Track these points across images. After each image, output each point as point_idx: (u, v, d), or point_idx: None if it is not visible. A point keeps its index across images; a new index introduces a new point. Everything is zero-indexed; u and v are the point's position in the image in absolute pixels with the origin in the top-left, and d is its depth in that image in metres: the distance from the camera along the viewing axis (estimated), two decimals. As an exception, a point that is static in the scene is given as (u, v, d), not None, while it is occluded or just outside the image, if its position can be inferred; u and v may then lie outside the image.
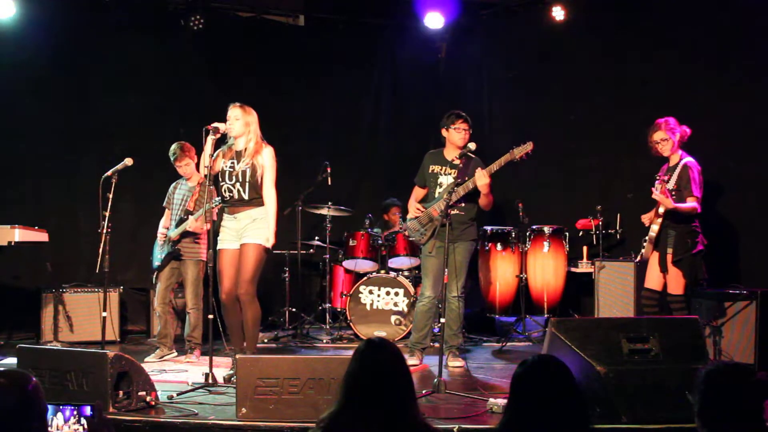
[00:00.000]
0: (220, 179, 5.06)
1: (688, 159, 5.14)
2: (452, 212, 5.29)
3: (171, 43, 7.86)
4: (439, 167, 5.57)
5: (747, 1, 6.37)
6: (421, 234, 5.56)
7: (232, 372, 4.67)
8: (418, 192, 5.74)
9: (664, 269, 5.13)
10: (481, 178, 5.17)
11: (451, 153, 5.56)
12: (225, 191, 5.02)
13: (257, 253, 4.96)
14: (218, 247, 5.04)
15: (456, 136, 5.48)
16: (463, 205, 5.40)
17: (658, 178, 5.16)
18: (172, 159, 5.92)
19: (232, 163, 5.01)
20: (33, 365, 4.08)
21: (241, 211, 5.00)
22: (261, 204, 5.03)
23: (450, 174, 5.49)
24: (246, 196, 4.99)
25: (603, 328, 3.91)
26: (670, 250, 5.10)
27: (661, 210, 5.08)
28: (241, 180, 4.97)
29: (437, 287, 5.52)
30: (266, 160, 5.02)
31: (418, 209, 5.57)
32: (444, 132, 5.56)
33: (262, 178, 5.00)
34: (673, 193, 5.03)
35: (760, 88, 6.15)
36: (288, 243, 7.25)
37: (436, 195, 5.53)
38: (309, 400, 3.75)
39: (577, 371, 3.43)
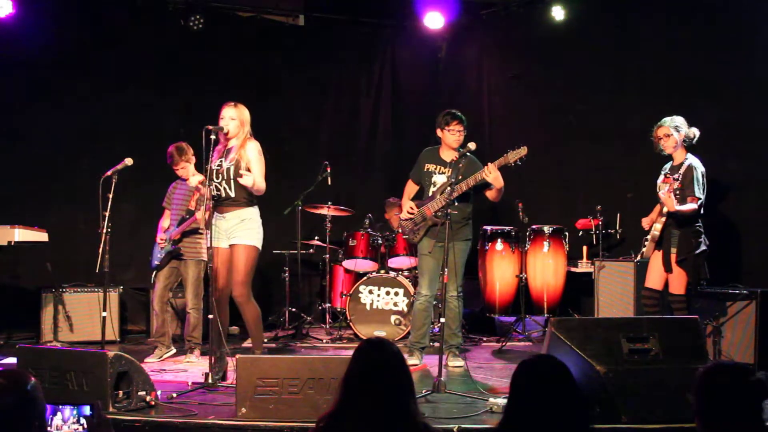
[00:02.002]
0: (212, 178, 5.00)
1: (693, 159, 5.14)
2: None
3: (171, 43, 7.86)
4: (434, 166, 5.57)
5: (747, 1, 6.37)
6: (414, 233, 5.57)
7: (218, 376, 4.69)
8: (411, 187, 5.74)
9: (668, 269, 5.12)
10: (491, 173, 5.12)
11: (446, 152, 5.56)
12: (213, 190, 4.92)
13: (248, 254, 4.90)
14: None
15: (450, 138, 5.48)
16: (456, 204, 5.38)
17: (665, 176, 5.16)
18: (168, 162, 5.91)
19: (220, 161, 4.95)
20: (33, 365, 4.07)
21: (230, 211, 4.92)
22: (250, 204, 4.95)
23: (444, 173, 5.50)
24: (233, 194, 4.90)
25: (603, 328, 3.90)
26: (673, 250, 5.10)
27: (664, 210, 5.08)
28: (226, 177, 4.89)
29: (434, 286, 5.53)
30: (251, 154, 4.91)
31: (412, 209, 5.58)
32: (439, 132, 5.55)
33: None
34: (677, 193, 5.03)
35: (761, 88, 6.15)
36: (288, 243, 7.26)
37: (430, 193, 5.54)
38: (309, 400, 3.75)
39: (577, 371, 3.43)
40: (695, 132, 5.18)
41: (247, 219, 4.93)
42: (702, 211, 5.10)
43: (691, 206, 5.01)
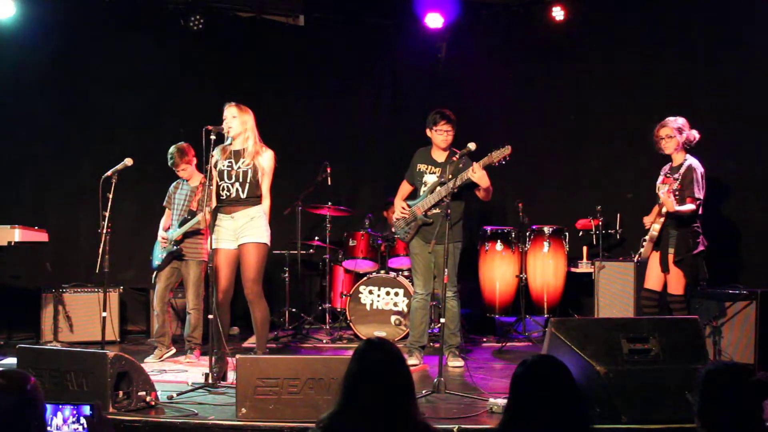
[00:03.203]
0: (218, 179, 5.04)
1: (693, 160, 5.15)
2: (435, 211, 5.34)
3: (171, 43, 7.86)
4: (426, 166, 5.58)
5: (748, 2, 6.37)
6: (406, 232, 5.59)
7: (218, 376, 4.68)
8: (404, 188, 5.75)
9: (665, 269, 5.13)
10: (476, 172, 5.15)
11: (437, 152, 5.57)
12: (222, 190, 5.01)
13: (258, 251, 4.96)
14: (214, 247, 5.02)
15: (438, 138, 5.48)
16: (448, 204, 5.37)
17: (664, 176, 5.16)
18: (170, 164, 5.91)
19: (230, 162, 4.99)
20: (33, 365, 4.07)
21: (239, 211, 4.98)
22: (258, 203, 5.02)
23: (435, 173, 5.51)
24: (243, 195, 4.98)
25: (603, 328, 3.91)
26: (671, 250, 5.11)
27: (663, 210, 5.09)
28: (240, 180, 4.96)
29: (428, 284, 5.56)
30: (266, 164, 5.02)
31: (404, 209, 5.59)
32: (428, 132, 5.55)
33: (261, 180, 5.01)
34: (676, 193, 5.04)
35: (761, 88, 6.15)
36: (288, 243, 7.26)
37: (421, 193, 5.55)
38: (309, 400, 3.75)
39: (577, 371, 3.43)
40: (695, 135, 5.20)
41: (257, 217, 4.99)
42: (701, 212, 5.10)
43: (690, 207, 5.02)
